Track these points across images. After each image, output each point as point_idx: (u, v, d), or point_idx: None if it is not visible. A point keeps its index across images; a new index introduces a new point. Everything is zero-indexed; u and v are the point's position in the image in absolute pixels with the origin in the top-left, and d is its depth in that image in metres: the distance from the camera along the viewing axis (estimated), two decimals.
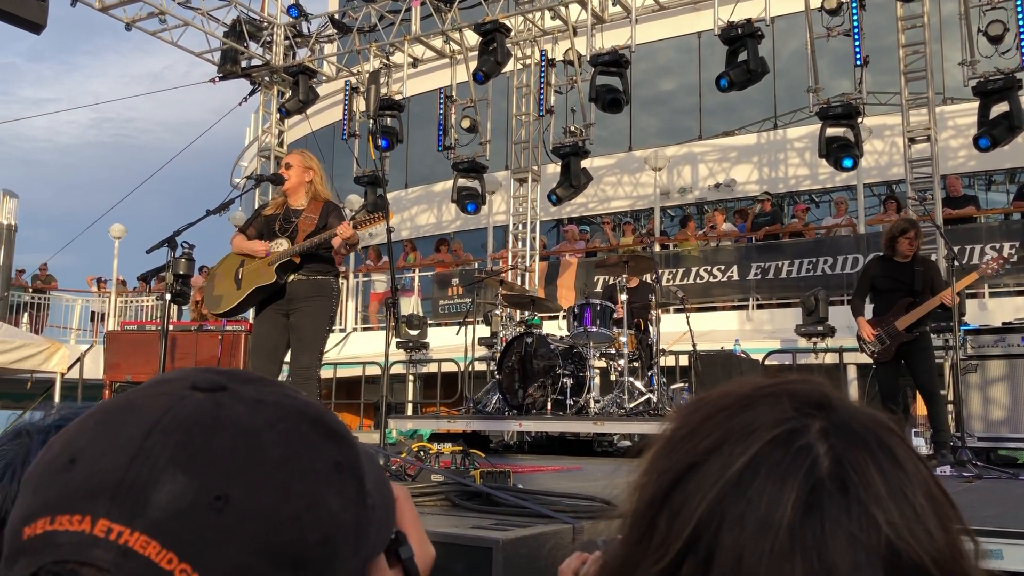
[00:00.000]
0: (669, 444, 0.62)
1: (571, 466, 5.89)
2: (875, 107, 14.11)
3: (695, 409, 0.63)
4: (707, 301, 13.57)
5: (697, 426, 0.61)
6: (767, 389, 0.62)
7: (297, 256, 5.03)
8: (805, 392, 0.61)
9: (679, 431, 0.62)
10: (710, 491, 0.56)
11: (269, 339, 5.14)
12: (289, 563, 0.51)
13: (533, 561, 2.31)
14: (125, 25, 13.44)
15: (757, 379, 0.64)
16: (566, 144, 11.83)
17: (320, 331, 5.10)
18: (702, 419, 0.61)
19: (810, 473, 0.54)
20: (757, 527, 0.53)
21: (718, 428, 0.59)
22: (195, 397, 0.54)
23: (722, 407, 0.61)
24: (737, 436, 0.58)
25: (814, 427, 0.57)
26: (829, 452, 0.56)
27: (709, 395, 0.64)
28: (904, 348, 6.47)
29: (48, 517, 0.50)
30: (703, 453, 0.58)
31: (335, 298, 5.18)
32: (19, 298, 17.33)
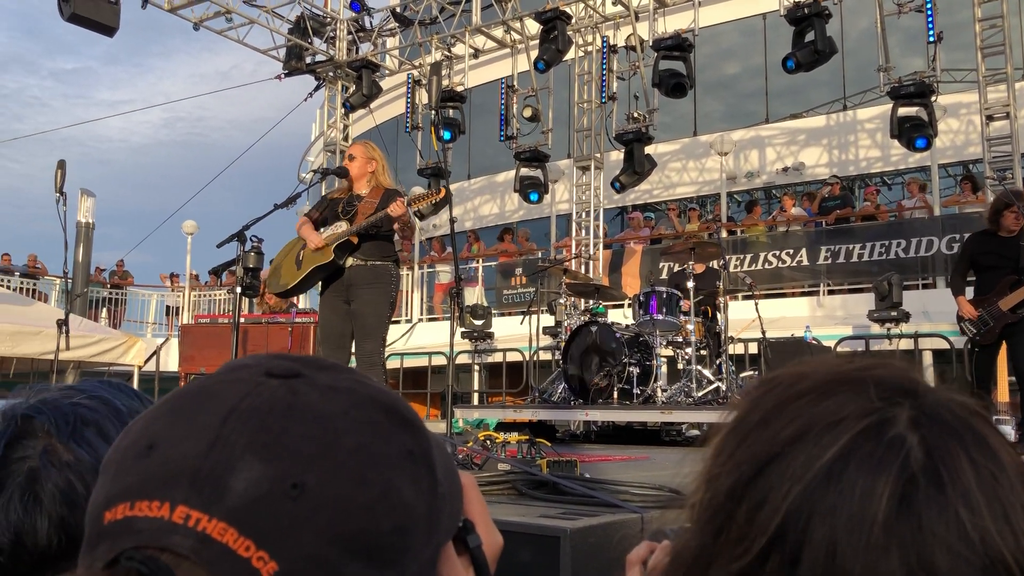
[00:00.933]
0: (742, 432, 0.59)
1: (638, 455, 5.84)
2: (950, 84, 13.65)
3: (765, 394, 0.61)
4: (776, 287, 13.33)
5: (772, 414, 0.59)
6: (848, 375, 0.59)
7: (355, 236, 5.04)
8: (890, 378, 0.58)
9: (750, 417, 0.60)
10: (797, 483, 0.54)
11: (334, 327, 5.19)
12: (363, 552, 0.51)
13: (601, 551, 2.29)
14: (193, 25, 13.73)
15: (831, 362, 0.62)
16: (629, 130, 11.72)
17: (381, 317, 5.11)
18: (777, 406, 0.59)
19: (904, 466, 0.52)
20: (850, 521, 0.51)
21: (798, 417, 0.57)
22: (270, 384, 0.55)
23: (799, 394, 0.59)
24: (822, 426, 0.55)
25: (903, 416, 0.55)
26: (921, 444, 0.53)
27: (778, 378, 0.62)
28: (1008, 330, 6.08)
29: (128, 503, 0.51)
30: (785, 443, 0.56)
31: (394, 284, 5.18)
32: (98, 294, 17.90)
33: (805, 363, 0.63)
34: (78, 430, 0.87)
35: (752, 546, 0.54)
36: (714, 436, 0.62)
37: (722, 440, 0.61)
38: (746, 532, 0.54)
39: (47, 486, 0.83)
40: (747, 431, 0.59)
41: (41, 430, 0.86)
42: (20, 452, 0.85)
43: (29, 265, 18.23)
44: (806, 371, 0.61)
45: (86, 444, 0.86)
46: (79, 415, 0.89)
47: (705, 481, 0.60)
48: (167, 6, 13.26)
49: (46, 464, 0.84)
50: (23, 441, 0.85)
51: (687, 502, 0.62)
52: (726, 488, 0.57)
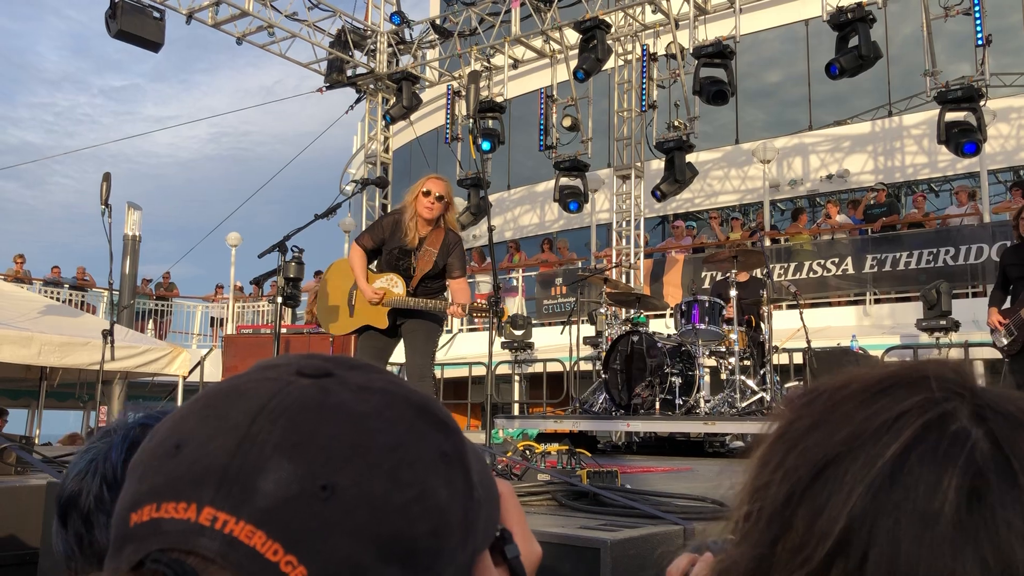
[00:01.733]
0: (791, 439, 0.57)
1: (681, 467, 5.76)
2: (999, 89, 13.37)
3: (812, 401, 0.59)
4: (822, 296, 13.13)
5: (823, 417, 0.56)
6: (901, 374, 0.57)
7: (410, 301, 5.11)
8: (946, 374, 0.56)
9: (798, 424, 0.58)
10: (859, 484, 0.51)
11: (380, 340, 5.23)
12: (397, 556, 0.49)
13: (642, 562, 2.24)
14: (236, 40, 13.93)
15: (877, 366, 0.59)
16: (670, 139, 11.63)
17: (432, 336, 5.21)
18: (825, 410, 0.57)
19: (970, 459, 0.50)
20: (917, 518, 0.49)
21: (849, 418, 0.55)
22: (301, 383, 0.53)
23: (849, 396, 0.57)
24: (879, 424, 0.53)
25: (964, 410, 0.53)
26: (987, 436, 0.51)
27: (823, 386, 0.60)
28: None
29: (154, 504, 0.50)
30: (842, 444, 0.54)
31: (443, 315, 5.28)
32: (144, 305, 18.20)
33: (849, 371, 0.61)
34: None
35: (814, 553, 0.51)
36: (758, 447, 0.60)
37: (768, 449, 0.59)
38: (807, 540, 0.52)
39: None
40: (797, 437, 0.57)
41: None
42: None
43: (78, 277, 18.60)
44: (852, 376, 0.59)
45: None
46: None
47: (752, 491, 0.58)
48: (210, 21, 13.48)
49: None
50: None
51: (731, 515, 0.60)
52: (783, 496, 0.55)
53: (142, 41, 11.78)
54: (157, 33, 11.82)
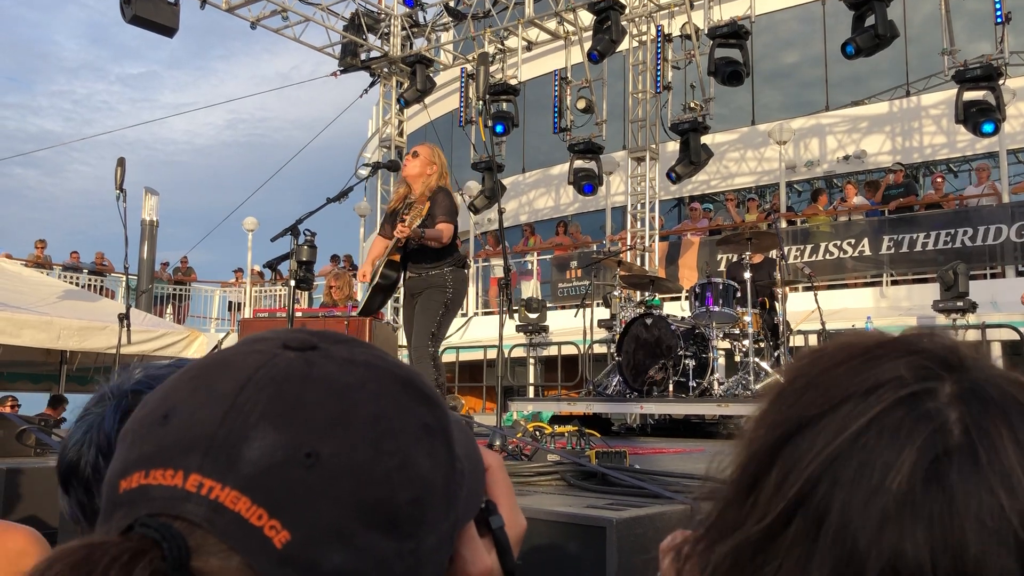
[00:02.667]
0: (782, 399, 0.59)
1: (693, 448, 5.77)
2: (1019, 68, 13.20)
3: (812, 362, 0.60)
4: (838, 278, 13.06)
5: (813, 380, 0.57)
6: (893, 344, 0.58)
7: (396, 255, 5.33)
8: (935, 349, 0.56)
9: (793, 385, 0.59)
10: (823, 450, 0.53)
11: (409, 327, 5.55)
12: (380, 523, 0.51)
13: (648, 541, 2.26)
14: (250, 24, 13.95)
15: (881, 334, 0.60)
16: (685, 120, 11.57)
17: (432, 315, 5.34)
18: (820, 373, 0.58)
19: (933, 440, 0.51)
20: (868, 491, 0.50)
21: (837, 385, 0.56)
22: (287, 355, 0.55)
23: (841, 361, 0.58)
24: (858, 394, 0.54)
25: (944, 390, 0.53)
26: (960, 420, 0.51)
27: (825, 348, 0.61)
28: None
29: (143, 471, 0.51)
30: (818, 407, 0.55)
31: (451, 286, 5.39)
32: (163, 290, 18.34)
33: (855, 333, 0.62)
34: None
35: (773, 508, 0.53)
36: (759, 402, 0.62)
37: (764, 406, 0.60)
38: (772, 496, 0.54)
39: None
40: (787, 398, 0.58)
41: None
42: None
43: (96, 262, 18.75)
44: (854, 341, 0.60)
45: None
46: None
47: (744, 445, 0.60)
48: (224, 6, 13.50)
49: None
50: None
51: (726, 468, 0.62)
52: (759, 451, 0.57)
53: (156, 26, 11.81)
54: (171, 18, 11.85)
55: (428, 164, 5.39)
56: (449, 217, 5.31)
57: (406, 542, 0.52)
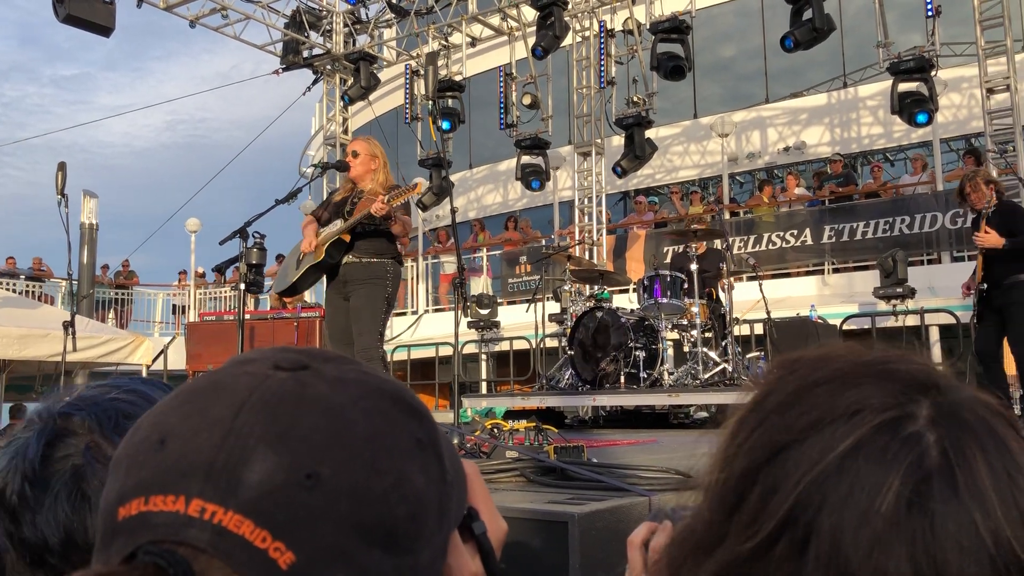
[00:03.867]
0: (760, 414, 0.60)
1: (646, 439, 5.85)
2: (950, 59, 13.58)
3: (786, 376, 0.61)
4: (781, 267, 13.31)
5: (792, 399, 0.59)
6: (871, 366, 0.59)
7: (347, 234, 5.08)
8: (913, 372, 0.58)
9: (769, 400, 0.60)
10: (809, 472, 0.54)
11: (337, 324, 5.27)
12: (379, 540, 0.52)
13: (610, 535, 2.30)
14: (189, 22, 13.71)
15: (854, 349, 0.62)
16: (629, 115, 11.68)
17: (376, 312, 5.13)
18: (797, 391, 0.59)
19: (917, 464, 0.53)
20: (857, 513, 0.52)
21: (817, 406, 0.57)
22: (278, 376, 0.55)
23: (819, 381, 0.59)
24: (840, 416, 0.55)
25: (922, 413, 0.55)
26: (938, 443, 0.54)
27: (800, 362, 0.62)
28: (999, 303, 6.20)
29: (142, 498, 0.51)
30: (802, 431, 0.56)
31: (391, 280, 5.19)
32: (104, 294, 17.94)
33: (828, 347, 0.63)
34: (120, 424, 0.87)
35: (761, 529, 0.54)
36: (732, 416, 0.63)
37: (740, 421, 0.61)
38: (758, 514, 0.55)
39: (93, 483, 0.83)
40: (765, 414, 0.59)
41: (81, 427, 0.86)
42: (63, 451, 0.85)
43: (34, 268, 18.27)
44: (828, 357, 0.61)
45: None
46: (119, 409, 0.88)
47: (721, 460, 0.61)
48: (162, 4, 13.25)
49: (91, 461, 0.84)
50: (65, 440, 0.85)
51: (701, 481, 0.62)
52: (741, 469, 0.58)
53: (92, 26, 11.55)
54: (107, 17, 11.60)
55: (371, 159, 5.26)
56: (407, 211, 5.25)
57: (404, 558, 0.53)
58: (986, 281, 6.21)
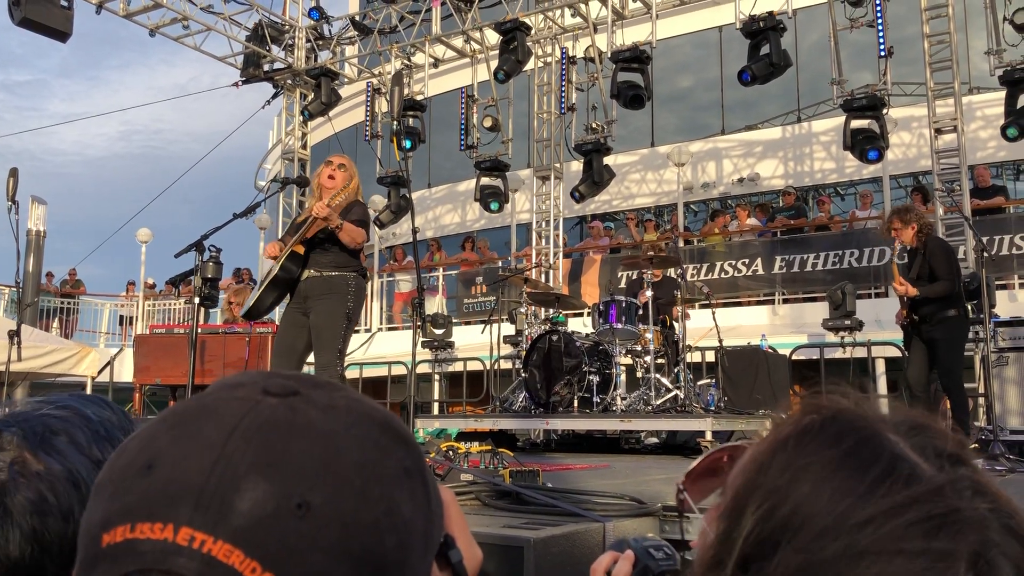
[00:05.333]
0: (769, 500, 0.57)
1: (598, 464, 5.88)
2: (900, 98, 13.96)
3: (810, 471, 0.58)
4: (733, 296, 13.49)
5: (832, 524, 0.55)
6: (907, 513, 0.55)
7: (300, 246, 4.99)
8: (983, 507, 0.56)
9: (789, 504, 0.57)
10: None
11: (286, 339, 5.16)
12: (368, 570, 0.51)
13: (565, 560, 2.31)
14: (149, 31, 13.55)
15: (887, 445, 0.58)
16: (588, 141, 11.80)
17: (336, 329, 5.03)
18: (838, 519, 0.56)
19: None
20: None
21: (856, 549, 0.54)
22: (269, 402, 0.54)
23: (840, 491, 0.56)
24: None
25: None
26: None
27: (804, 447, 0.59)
28: (928, 336, 6.45)
29: (128, 524, 0.50)
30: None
31: (352, 295, 5.09)
32: (49, 303, 17.54)
33: (846, 431, 0.59)
34: (47, 439, 0.85)
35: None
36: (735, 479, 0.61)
37: (747, 494, 0.60)
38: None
39: (17, 498, 0.81)
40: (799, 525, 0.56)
41: (9, 443, 0.85)
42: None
43: None
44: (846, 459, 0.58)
45: (56, 453, 0.85)
46: (47, 425, 0.87)
47: (729, 529, 0.60)
48: (122, 12, 13.08)
49: (15, 476, 0.83)
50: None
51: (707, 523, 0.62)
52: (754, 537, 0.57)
53: (48, 30, 11.35)
54: (64, 23, 11.41)
55: (349, 178, 5.17)
56: (363, 223, 5.14)
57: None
58: (916, 315, 6.44)
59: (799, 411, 0.63)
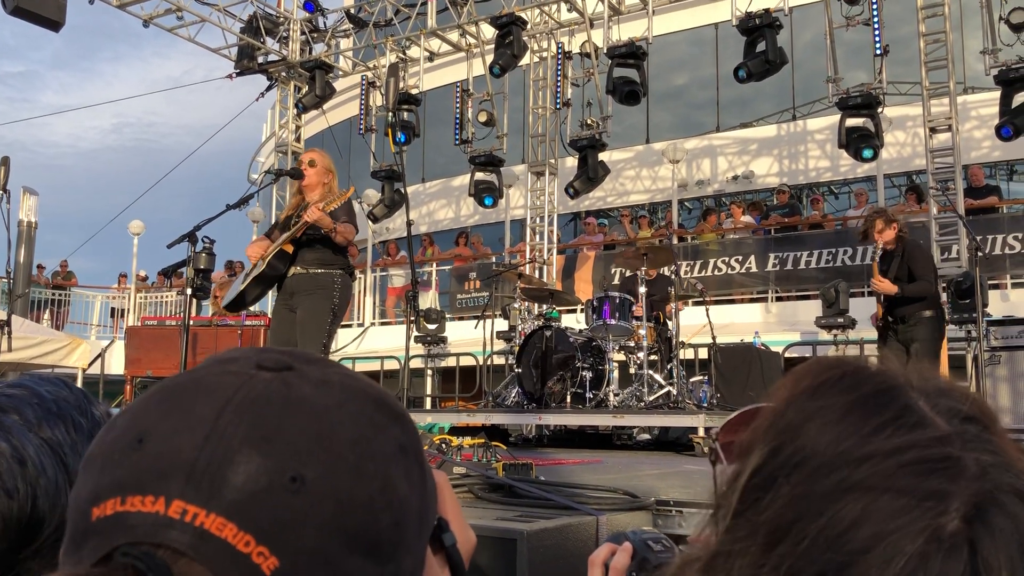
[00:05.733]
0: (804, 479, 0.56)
1: (591, 459, 5.88)
2: (895, 97, 13.98)
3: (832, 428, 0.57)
4: (726, 293, 13.51)
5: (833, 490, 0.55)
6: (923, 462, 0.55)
7: (289, 245, 5.04)
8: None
9: (812, 461, 0.56)
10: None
11: (281, 335, 5.22)
12: (363, 547, 0.50)
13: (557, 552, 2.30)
14: (143, 22, 13.49)
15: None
16: (583, 137, 11.78)
17: (321, 324, 5.08)
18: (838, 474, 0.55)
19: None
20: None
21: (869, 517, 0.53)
22: (263, 376, 0.53)
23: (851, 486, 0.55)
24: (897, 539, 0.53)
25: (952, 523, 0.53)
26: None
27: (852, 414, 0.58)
28: (904, 337, 6.52)
29: (118, 498, 0.49)
30: (855, 552, 0.53)
31: (338, 292, 5.14)
32: (40, 295, 17.48)
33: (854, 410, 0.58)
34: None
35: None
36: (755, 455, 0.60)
37: (761, 450, 0.59)
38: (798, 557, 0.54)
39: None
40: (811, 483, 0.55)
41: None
42: None
43: None
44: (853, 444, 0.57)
45: (3, 430, 0.84)
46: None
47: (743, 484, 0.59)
48: (116, 2, 13.01)
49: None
50: None
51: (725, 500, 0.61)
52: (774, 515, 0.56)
53: (41, 19, 11.28)
54: (57, 12, 11.33)
55: (326, 173, 5.24)
56: (351, 220, 5.18)
57: (387, 566, 0.52)
58: (891, 316, 6.49)
59: (822, 364, 0.63)
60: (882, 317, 6.61)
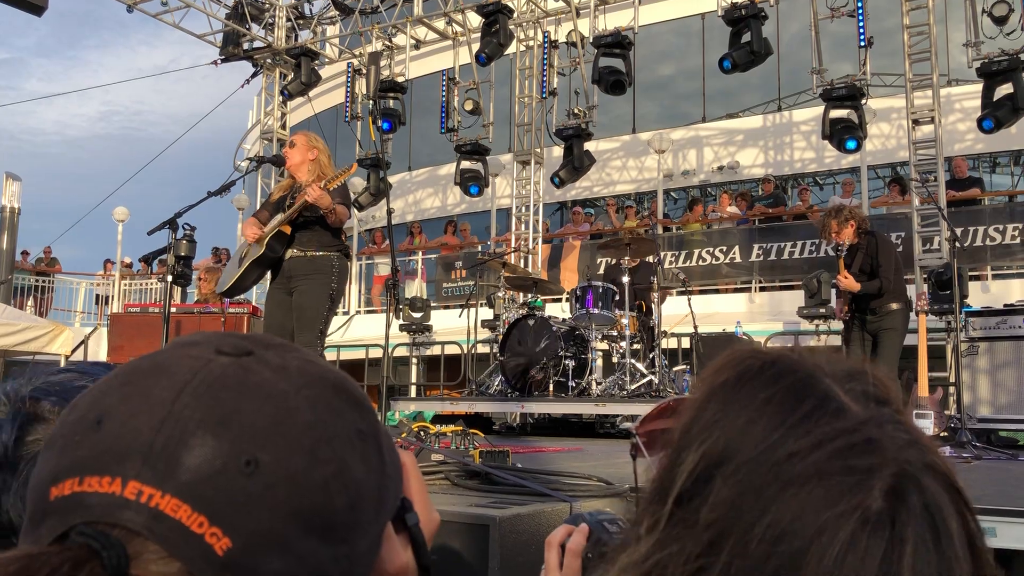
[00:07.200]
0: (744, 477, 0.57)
1: (572, 447, 5.91)
2: (879, 89, 14.04)
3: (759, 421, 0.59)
4: (710, 283, 13.56)
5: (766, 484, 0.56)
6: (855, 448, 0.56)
7: (287, 226, 4.98)
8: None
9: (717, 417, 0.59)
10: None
11: (275, 319, 5.16)
12: (317, 529, 0.52)
13: (529, 538, 2.33)
14: (127, 7, 13.39)
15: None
16: (569, 126, 11.79)
17: (318, 309, 5.03)
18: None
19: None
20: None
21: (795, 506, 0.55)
22: (221, 361, 0.54)
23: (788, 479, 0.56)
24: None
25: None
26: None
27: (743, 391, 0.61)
28: (873, 328, 6.62)
29: (76, 478, 0.50)
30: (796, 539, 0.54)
31: (336, 275, 5.09)
32: (24, 281, 17.37)
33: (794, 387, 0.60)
34: None
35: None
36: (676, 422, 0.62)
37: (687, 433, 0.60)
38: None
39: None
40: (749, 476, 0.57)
41: (51, 412, 0.86)
42: (32, 435, 0.84)
43: None
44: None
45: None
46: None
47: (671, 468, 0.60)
48: None
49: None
50: (34, 424, 0.85)
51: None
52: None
53: (22, 3, 11.17)
54: None
55: (308, 149, 5.14)
56: (345, 202, 5.14)
57: (341, 547, 0.53)
58: (858, 308, 6.57)
59: (739, 355, 0.64)
60: (847, 310, 6.70)
